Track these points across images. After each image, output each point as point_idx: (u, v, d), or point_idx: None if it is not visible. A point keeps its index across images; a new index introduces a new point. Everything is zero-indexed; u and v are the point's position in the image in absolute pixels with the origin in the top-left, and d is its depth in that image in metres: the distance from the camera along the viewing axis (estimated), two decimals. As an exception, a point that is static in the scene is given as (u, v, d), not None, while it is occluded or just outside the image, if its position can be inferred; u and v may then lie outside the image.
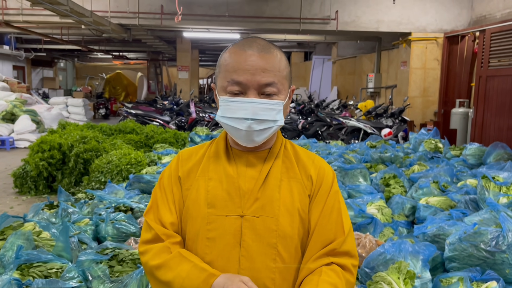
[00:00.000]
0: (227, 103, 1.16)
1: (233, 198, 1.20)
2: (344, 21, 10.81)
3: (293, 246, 1.20)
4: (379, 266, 2.59)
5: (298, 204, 1.21)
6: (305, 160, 1.27)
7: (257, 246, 1.17)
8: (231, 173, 1.22)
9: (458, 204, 3.89)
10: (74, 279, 2.00)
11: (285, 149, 1.28)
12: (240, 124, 1.15)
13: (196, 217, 1.21)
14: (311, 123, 10.32)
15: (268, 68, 1.15)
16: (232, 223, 1.18)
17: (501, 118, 8.20)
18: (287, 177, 1.23)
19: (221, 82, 1.19)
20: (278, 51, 1.20)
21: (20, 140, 10.55)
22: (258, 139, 1.18)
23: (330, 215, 1.22)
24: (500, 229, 2.66)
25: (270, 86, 1.16)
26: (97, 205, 3.92)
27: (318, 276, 1.13)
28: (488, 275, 2.54)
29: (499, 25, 8.30)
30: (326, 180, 1.26)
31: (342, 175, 4.85)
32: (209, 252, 1.18)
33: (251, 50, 1.16)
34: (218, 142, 1.29)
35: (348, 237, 1.21)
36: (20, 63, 18.56)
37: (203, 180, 1.23)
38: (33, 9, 10.00)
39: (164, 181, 1.29)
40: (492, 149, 5.55)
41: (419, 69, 10.85)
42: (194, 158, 1.29)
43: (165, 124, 10.24)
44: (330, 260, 1.17)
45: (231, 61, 1.17)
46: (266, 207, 1.19)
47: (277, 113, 1.17)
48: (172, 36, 14.75)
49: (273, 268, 1.17)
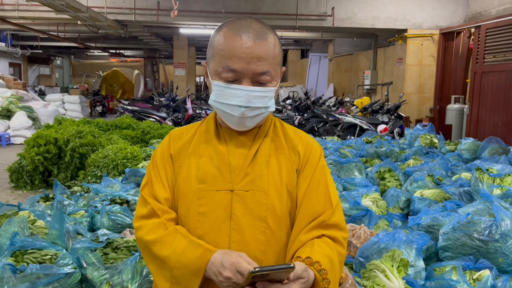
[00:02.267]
0: (220, 88, 1.17)
1: (223, 174, 1.22)
2: (340, 17, 10.82)
3: (282, 219, 1.22)
4: (373, 255, 2.61)
5: (286, 179, 1.23)
6: (292, 137, 1.30)
7: (247, 220, 1.19)
8: (221, 150, 1.24)
9: (452, 196, 3.91)
10: (69, 265, 2.01)
11: (274, 127, 1.31)
12: (234, 111, 1.17)
13: (187, 193, 1.23)
14: (307, 119, 10.34)
15: (264, 56, 1.15)
16: (222, 198, 1.20)
17: (496, 113, 8.24)
18: (276, 153, 1.26)
19: (214, 66, 1.19)
20: (272, 35, 1.20)
21: (16, 136, 10.54)
22: (250, 124, 1.21)
23: (318, 188, 1.24)
24: (493, 219, 2.68)
25: (265, 75, 1.17)
26: (93, 197, 3.92)
27: (311, 247, 1.14)
28: (481, 264, 2.57)
29: (494, 21, 8.33)
30: (313, 155, 1.28)
31: (338, 169, 4.86)
32: (200, 226, 1.20)
33: (246, 36, 1.15)
34: (209, 121, 1.31)
35: (336, 210, 1.23)
36: (16, 60, 18.49)
37: (194, 157, 1.25)
38: (29, 5, 9.97)
39: (157, 159, 1.31)
40: (486, 143, 5.58)
41: (415, 65, 10.88)
42: (185, 136, 1.31)
43: (162, 120, 10.24)
44: (321, 232, 1.19)
45: (225, 46, 1.16)
46: (255, 182, 1.21)
47: (269, 99, 1.19)
48: (168, 33, 14.73)
49: (263, 240, 1.19)
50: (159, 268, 1.19)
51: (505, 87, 8.01)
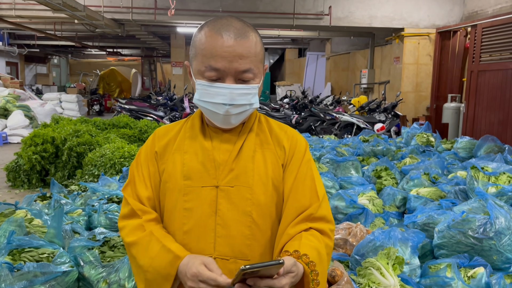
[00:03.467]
0: (204, 87, 1.19)
1: (208, 170, 1.23)
2: (338, 16, 10.84)
3: (268, 213, 1.24)
4: (369, 253, 2.63)
5: (271, 173, 1.25)
6: (278, 131, 1.32)
7: (233, 215, 1.21)
8: (206, 146, 1.26)
9: (448, 194, 3.94)
10: (66, 263, 2.01)
11: (259, 122, 1.33)
12: (218, 109, 1.19)
13: (173, 189, 1.24)
14: (305, 118, 10.36)
15: (245, 54, 1.17)
16: (208, 194, 1.22)
17: (492, 112, 8.27)
18: (261, 148, 1.28)
19: (197, 65, 1.20)
20: (254, 33, 1.22)
21: (13, 136, 10.52)
22: (235, 121, 1.23)
23: (304, 182, 1.26)
24: (488, 217, 2.70)
25: (247, 72, 1.18)
26: (90, 196, 3.93)
27: (299, 241, 1.16)
28: (476, 261, 2.59)
29: (491, 20, 8.36)
30: (299, 149, 1.30)
31: (334, 167, 4.88)
32: (187, 222, 1.22)
33: (227, 35, 1.16)
34: (194, 118, 1.33)
35: (323, 203, 1.25)
36: (13, 59, 18.45)
37: (179, 154, 1.27)
38: (26, 3, 9.96)
39: (141, 158, 1.32)
40: (482, 142, 5.61)
41: (411, 64, 10.91)
42: (170, 133, 1.32)
43: (159, 119, 10.24)
44: (308, 225, 1.21)
45: (207, 46, 1.17)
46: (240, 177, 1.23)
47: (252, 96, 1.21)
48: (166, 31, 14.72)
49: (248, 234, 1.21)
50: (136, 269, 1.22)
51: (501, 86, 8.05)
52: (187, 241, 1.21)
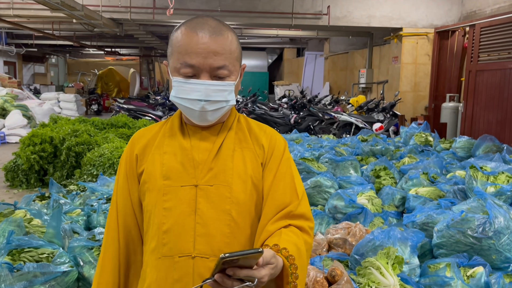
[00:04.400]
0: (180, 84, 1.20)
1: (187, 169, 1.24)
2: (336, 16, 10.85)
3: (247, 211, 1.25)
4: (368, 253, 2.63)
5: (251, 172, 1.26)
6: (257, 131, 1.33)
7: (212, 213, 1.22)
8: (185, 145, 1.27)
9: (447, 194, 3.94)
10: (65, 263, 2.01)
11: (238, 122, 1.34)
12: (194, 105, 1.20)
13: (152, 190, 1.25)
14: (303, 117, 10.36)
15: (220, 51, 1.19)
16: (187, 193, 1.23)
17: (490, 111, 8.29)
18: (240, 147, 1.29)
19: (173, 63, 1.22)
20: (229, 32, 1.24)
21: (11, 135, 10.50)
22: (211, 118, 1.24)
23: (284, 180, 1.27)
24: (487, 216, 2.70)
25: (222, 69, 1.20)
26: (89, 196, 3.93)
27: (278, 236, 1.16)
28: (475, 261, 2.59)
29: (489, 20, 8.38)
30: (278, 148, 1.31)
31: (333, 167, 4.88)
32: (166, 222, 1.23)
33: (202, 32, 1.19)
34: (173, 119, 1.34)
35: (302, 200, 1.27)
36: (11, 58, 18.41)
37: (158, 154, 1.28)
38: (24, 3, 9.93)
39: (120, 176, 1.34)
40: (481, 141, 5.62)
41: (410, 64, 10.92)
42: (148, 135, 1.34)
43: (158, 119, 10.23)
44: (288, 222, 1.22)
45: (183, 43, 1.19)
46: (219, 176, 1.24)
47: (229, 93, 1.22)
48: (164, 31, 14.70)
49: (227, 233, 1.22)
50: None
51: (499, 85, 8.06)
52: (166, 241, 1.22)
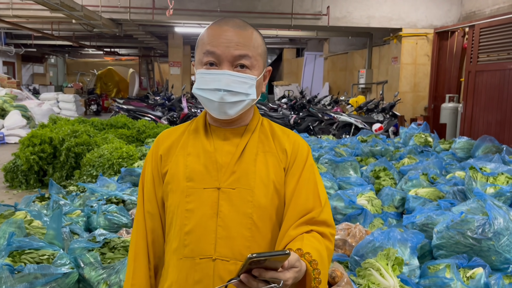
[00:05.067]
0: (202, 75, 1.22)
1: (210, 172, 1.25)
2: (336, 16, 10.85)
3: (268, 216, 1.25)
4: (368, 254, 2.63)
5: (273, 176, 1.26)
6: (280, 135, 1.33)
7: (233, 216, 1.22)
8: (208, 148, 1.28)
9: (446, 195, 3.95)
10: (66, 265, 2.01)
11: (262, 125, 1.34)
12: (213, 95, 1.20)
13: (176, 191, 1.26)
14: (303, 118, 10.36)
15: (242, 42, 1.21)
16: (209, 195, 1.23)
17: (490, 112, 8.30)
18: (263, 151, 1.29)
19: (198, 55, 1.25)
20: (254, 30, 1.26)
21: (10, 136, 10.49)
22: (231, 111, 1.23)
23: (307, 186, 1.27)
24: (486, 217, 2.71)
25: (244, 58, 1.21)
26: (89, 197, 3.93)
27: (300, 241, 1.17)
28: (474, 262, 2.60)
29: (488, 21, 8.39)
30: (301, 153, 1.31)
31: (333, 168, 4.89)
32: (188, 223, 1.24)
33: (227, 26, 1.22)
34: (198, 120, 1.35)
35: (325, 207, 1.27)
36: (10, 58, 18.38)
37: (182, 156, 1.29)
38: (24, 3, 9.92)
39: (146, 170, 1.35)
40: (480, 142, 5.62)
41: (409, 64, 10.93)
42: (174, 135, 1.35)
43: (157, 119, 10.22)
44: (310, 228, 1.22)
45: (208, 35, 1.23)
46: (242, 180, 1.24)
47: (249, 87, 1.22)
48: (163, 31, 14.70)
49: (248, 236, 1.23)
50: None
51: (498, 86, 8.07)
52: (188, 242, 1.23)
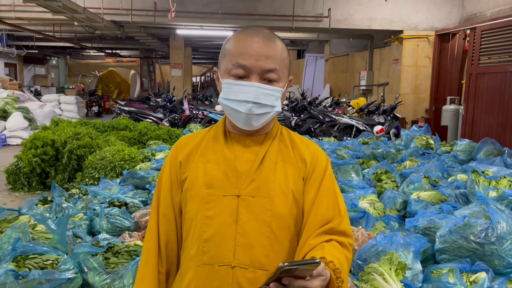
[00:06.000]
0: (230, 85, 1.23)
1: (230, 179, 1.26)
2: (337, 18, 10.86)
3: (286, 225, 1.26)
4: (371, 258, 2.63)
5: (292, 186, 1.27)
6: (299, 145, 1.34)
7: (253, 224, 1.23)
8: (228, 155, 1.28)
9: (448, 198, 3.95)
10: (70, 270, 2.02)
11: (281, 134, 1.35)
12: (241, 107, 1.21)
13: (195, 197, 1.27)
14: (304, 120, 10.37)
15: (272, 55, 1.22)
16: (229, 203, 1.24)
17: (491, 114, 8.30)
18: (282, 160, 1.30)
19: (225, 65, 1.25)
20: (281, 41, 1.29)
21: (12, 137, 10.50)
22: (256, 123, 1.25)
23: (327, 196, 1.28)
24: (490, 221, 2.71)
25: (272, 72, 1.22)
26: (91, 200, 3.94)
27: (322, 250, 1.18)
28: (477, 266, 2.60)
29: (489, 23, 8.39)
30: (320, 163, 1.32)
31: (335, 171, 4.89)
32: (207, 230, 1.24)
33: (256, 37, 1.23)
34: (217, 127, 1.36)
35: (344, 218, 1.28)
36: (12, 60, 18.41)
37: (202, 162, 1.30)
38: (26, 5, 9.94)
39: (164, 174, 1.36)
40: (482, 145, 5.62)
41: (410, 66, 10.93)
42: (193, 142, 1.35)
43: (159, 121, 10.24)
44: (329, 237, 1.24)
45: (236, 45, 1.23)
46: (261, 188, 1.25)
47: (276, 99, 1.24)
48: (165, 33, 14.72)
49: (267, 245, 1.23)
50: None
51: (500, 88, 8.07)
52: (207, 249, 1.23)
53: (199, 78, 28.58)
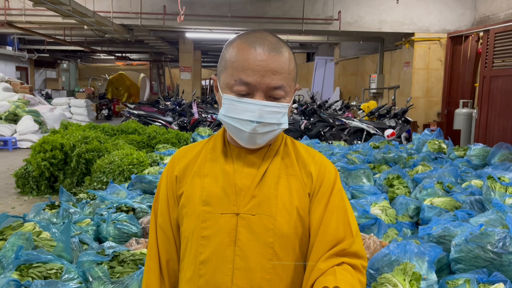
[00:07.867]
0: (232, 102, 1.11)
1: (228, 196, 1.15)
2: (347, 21, 10.78)
3: (291, 245, 1.15)
4: (384, 268, 2.55)
5: (296, 202, 1.16)
6: (305, 156, 1.22)
7: (253, 245, 1.12)
8: (227, 169, 1.17)
9: (463, 205, 3.84)
10: (74, 280, 1.97)
11: (285, 145, 1.23)
12: (245, 126, 1.10)
13: (191, 215, 1.17)
14: (313, 123, 10.28)
15: (278, 70, 1.10)
16: (227, 221, 1.14)
17: (505, 118, 8.14)
18: (286, 174, 1.18)
19: (226, 78, 1.12)
20: (287, 49, 1.16)
21: (22, 141, 10.56)
22: (261, 141, 1.14)
23: (337, 214, 1.16)
24: (507, 230, 2.62)
25: (279, 89, 1.11)
26: (99, 205, 3.90)
27: (333, 276, 1.06)
28: (495, 277, 2.50)
29: (503, 25, 8.25)
30: (328, 177, 1.19)
31: (346, 176, 4.81)
32: (203, 251, 1.14)
33: (261, 48, 1.10)
34: (216, 138, 1.25)
35: (356, 238, 1.16)
36: (23, 64, 18.58)
37: (199, 177, 1.19)
38: (36, 10, 10.01)
39: (161, 192, 1.27)
40: (496, 149, 5.50)
41: (422, 69, 10.80)
42: (190, 155, 1.25)
43: (167, 125, 10.22)
44: (340, 260, 1.11)
45: (239, 58, 1.10)
46: (262, 205, 1.14)
47: (282, 116, 1.13)
48: (174, 36, 14.75)
49: (268, 268, 1.12)
50: None
51: (514, 91, 7.93)
52: (203, 272, 1.13)
53: (208, 82, 28.62)
